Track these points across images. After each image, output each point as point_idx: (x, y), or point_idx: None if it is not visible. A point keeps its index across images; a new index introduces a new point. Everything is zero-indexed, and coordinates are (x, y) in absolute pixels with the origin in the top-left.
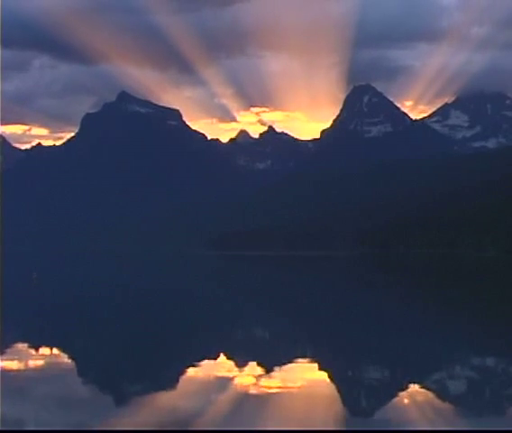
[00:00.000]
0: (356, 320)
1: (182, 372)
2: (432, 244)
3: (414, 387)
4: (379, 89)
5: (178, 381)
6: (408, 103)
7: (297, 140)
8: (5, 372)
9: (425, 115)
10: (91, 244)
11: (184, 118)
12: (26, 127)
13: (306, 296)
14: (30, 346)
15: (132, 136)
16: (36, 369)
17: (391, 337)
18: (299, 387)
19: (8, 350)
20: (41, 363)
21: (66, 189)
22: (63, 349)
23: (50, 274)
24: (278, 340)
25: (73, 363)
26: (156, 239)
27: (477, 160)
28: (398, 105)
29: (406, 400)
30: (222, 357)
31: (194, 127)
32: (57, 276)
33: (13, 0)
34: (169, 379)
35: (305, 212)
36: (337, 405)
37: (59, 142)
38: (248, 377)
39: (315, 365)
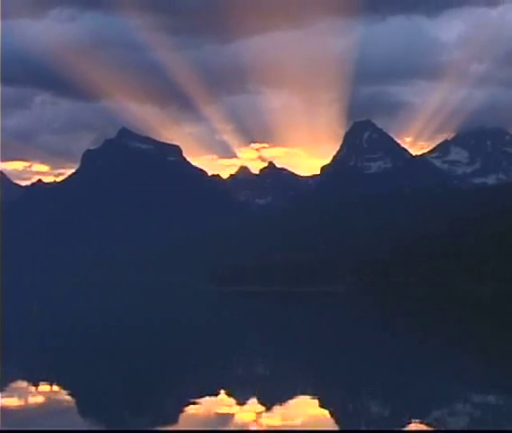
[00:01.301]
0: (359, 356)
1: (185, 407)
2: (431, 280)
3: (414, 423)
4: (378, 125)
5: (179, 416)
6: (408, 139)
7: (297, 176)
8: (4, 405)
9: (425, 150)
10: (91, 280)
11: (184, 154)
12: (27, 164)
13: (308, 331)
14: (28, 379)
15: (133, 172)
16: (35, 403)
17: (391, 373)
18: (301, 423)
19: (6, 383)
20: (40, 397)
21: (66, 226)
22: (61, 383)
23: (51, 310)
24: (283, 377)
25: (72, 398)
26: (156, 274)
27: (477, 196)
28: (398, 141)
29: None
30: (224, 394)
31: (194, 163)
32: (57, 310)
33: (14, 37)
34: (171, 415)
35: (305, 248)
36: None
37: (59, 179)
38: (252, 413)
39: (317, 401)
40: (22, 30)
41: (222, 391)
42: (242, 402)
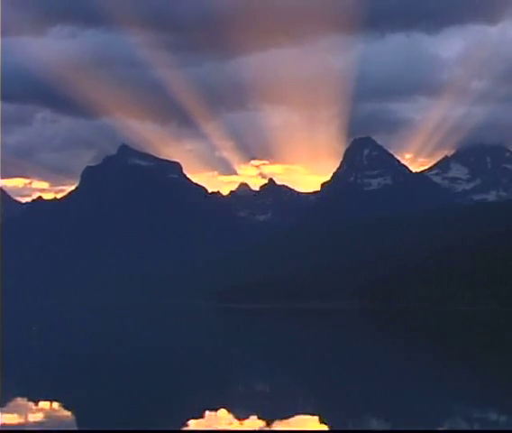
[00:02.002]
0: (364, 379)
1: (189, 424)
2: (432, 297)
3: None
4: (378, 142)
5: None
6: (408, 155)
7: (297, 192)
8: (6, 426)
9: (425, 167)
10: (92, 298)
11: (184, 171)
12: (27, 180)
13: (309, 351)
14: (29, 401)
15: (133, 189)
16: (35, 424)
17: (391, 393)
18: None
19: (8, 405)
20: (39, 418)
21: (66, 243)
22: (62, 405)
23: (51, 328)
24: (289, 396)
25: (72, 420)
26: (156, 292)
27: (477, 212)
28: (398, 158)
29: None
30: (226, 411)
31: (194, 180)
32: (57, 330)
33: (15, 54)
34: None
35: (305, 264)
36: None
37: (59, 196)
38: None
39: (318, 418)
40: (23, 47)
41: (227, 409)
42: (245, 419)
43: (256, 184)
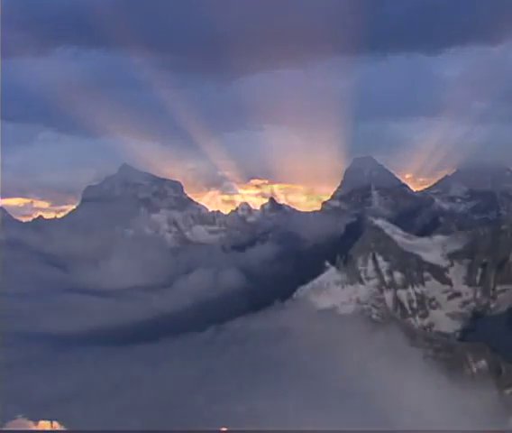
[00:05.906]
0: None
1: None
2: None
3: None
4: (379, 161)
5: None
6: (408, 175)
7: (297, 212)
8: None
9: (426, 186)
10: None
11: (185, 190)
12: (28, 200)
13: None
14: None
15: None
16: None
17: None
18: None
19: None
20: None
21: None
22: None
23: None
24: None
25: None
26: None
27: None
28: (399, 177)
29: None
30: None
31: (195, 200)
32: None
33: (17, 74)
34: None
35: None
36: None
37: (60, 215)
38: None
39: None
40: (26, 67)
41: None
42: None
43: (257, 203)
